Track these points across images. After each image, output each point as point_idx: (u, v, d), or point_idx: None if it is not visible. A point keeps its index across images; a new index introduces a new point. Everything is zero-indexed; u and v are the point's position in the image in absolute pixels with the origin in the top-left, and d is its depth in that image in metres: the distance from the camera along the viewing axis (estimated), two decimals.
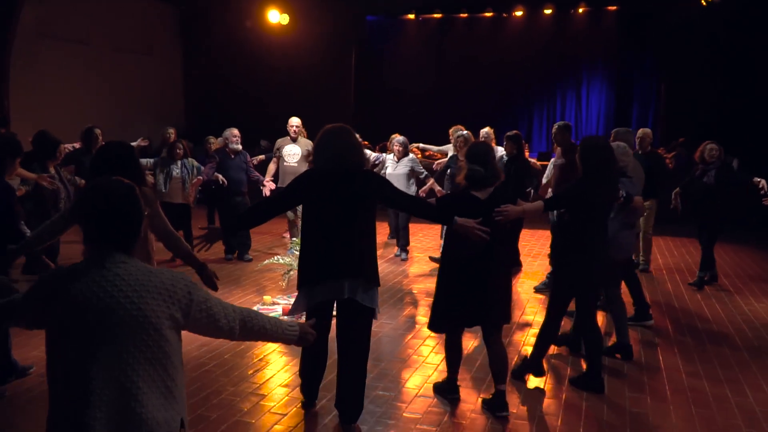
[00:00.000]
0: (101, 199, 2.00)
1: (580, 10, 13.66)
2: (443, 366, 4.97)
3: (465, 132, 8.29)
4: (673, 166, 9.93)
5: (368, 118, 13.32)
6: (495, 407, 4.05)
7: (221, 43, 14.20)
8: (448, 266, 4.09)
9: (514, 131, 8.00)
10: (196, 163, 8.30)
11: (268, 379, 4.68)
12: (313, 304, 3.74)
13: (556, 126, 7.05)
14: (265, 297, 6.50)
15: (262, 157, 9.75)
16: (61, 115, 11.12)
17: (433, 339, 5.54)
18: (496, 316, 4.06)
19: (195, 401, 4.16)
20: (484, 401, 4.20)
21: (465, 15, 14.51)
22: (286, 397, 4.35)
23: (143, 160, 7.43)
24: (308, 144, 8.49)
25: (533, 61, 14.08)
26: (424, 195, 8.16)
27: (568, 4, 13.58)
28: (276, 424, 3.96)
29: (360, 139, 3.80)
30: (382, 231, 9.19)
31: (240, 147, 8.45)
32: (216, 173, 8.18)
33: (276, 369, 4.88)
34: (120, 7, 13.07)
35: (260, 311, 2.20)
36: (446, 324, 4.16)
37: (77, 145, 8.43)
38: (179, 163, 8.08)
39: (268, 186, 8.33)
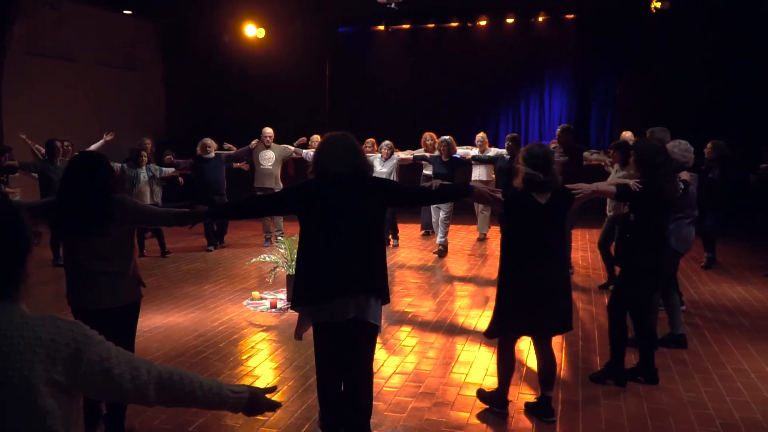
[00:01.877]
0: None
1: (540, 19, 14.06)
2: (419, 348, 5.35)
3: (447, 137, 9.08)
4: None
5: (343, 125, 13.61)
6: (542, 413, 3.95)
7: (201, 56, 14.43)
8: (510, 272, 3.86)
9: (514, 134, 9.48)
10: (157, 167, 9.22)
11: (260, 362, 5.05)
12: (322, 323, 3.38)
13: (559, 128, 7.97)
14: (253, 293, 6.83)
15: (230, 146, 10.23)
16: (51, 128, 11.27)
17: (409, 326, 5.93)
18: (559, 324, 3.89)
19: None
20: (528, 405, 4.11)
21: (432, 25, 14.82)
22: (278, 377, 4.70)
23: (115, 164, 8.13)
24: (280, 149, 9.76)
25: (498, 68, 14.43)
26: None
27: (529, 14, 13.97)
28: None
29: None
30: None
31: (213, 155, 9.39)
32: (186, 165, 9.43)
33: (267, 354, 5.26)
34: (103, 24, 13.26)
35: (192, 377, 1.69)
36: (510, 332, 3.95)
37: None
38: (144, 168, 8.94)
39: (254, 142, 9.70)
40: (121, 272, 3.47)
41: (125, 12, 13.78)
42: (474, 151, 9.68)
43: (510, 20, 14.13)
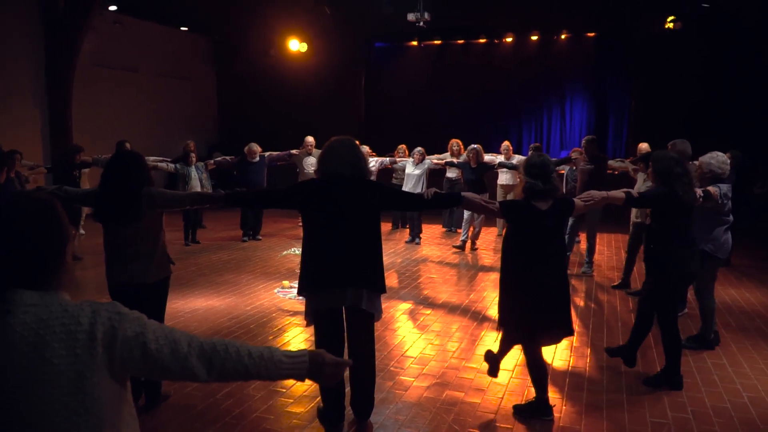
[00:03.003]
0: None
1: (563, 36, 14.41)
2: (441, 330, 5.82)
3: (476, 146, 9.40)
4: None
5: (376, 133, 14.25)
6: (541, 412, 3.94)
7: (249, 69, 15.12)
8: (513, 278, 3.86)
9: (537, 143, 10.03)
10: (202, 163, 9.99)
11: (284, 343, 5.53)
12: (323, 309, 3.61)
13: (584, 140, 8.42)
14: (283, 281, 7.41)
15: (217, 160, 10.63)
16: (115, 132, 12.19)
17: (428, 309, 6.49)
18: (563, 328, 3.86)
19: None
20: (517, 407, 4.07)
21: (461, 41, 15.24)
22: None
23: (169, 164, 9.54)
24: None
25: (522, 81, 14.78)
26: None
27: (552, 31, 14.33)
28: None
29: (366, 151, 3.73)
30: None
31: (258, 158, 10.12)
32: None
33: (291, 336, 5.73)
34: (163, 39, 14.12)
35: (243, 345, 1.56)
36: (520, 338, 3.94)
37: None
38: (193, 167, 9.69)
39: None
40: (151, 252, 3.84)
41: (182, 28, 14.72)
42: (500, 158, 10.08)
43: (534, 37, 14.55)
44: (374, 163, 10.38)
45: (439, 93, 15.07)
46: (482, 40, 15.09)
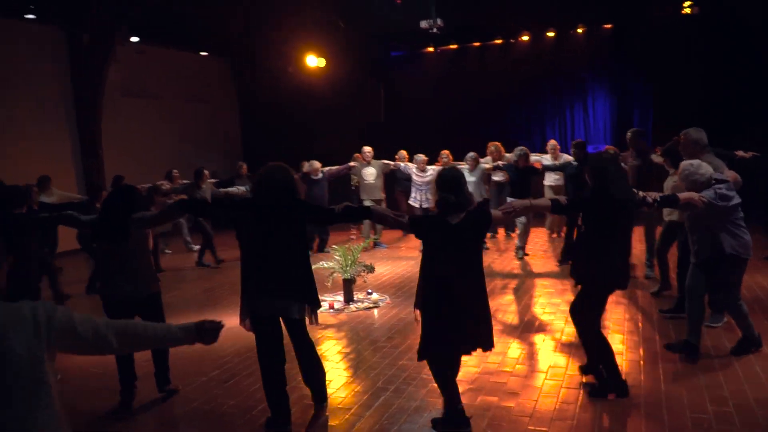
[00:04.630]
0: None
1: (579, 30, 14.22)
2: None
3: (523, 148, 9.13)
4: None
5: (397, 142, 14.19)
6: (461, 424, 3.85)
7: (268, 87, 15.27)
8: (428, 293, 3.75)
9: (579, 140, 9.48)
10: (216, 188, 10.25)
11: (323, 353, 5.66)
12: (258, 317, 3.93)
13: (630, 133, 7.59)
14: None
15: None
16: (143, 158, 12.49)
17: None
18: (478, 343, 3.75)
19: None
20: (436, 421, 3.96)
21: (478, 44, 15.18)
22: (331, 368, 5.26)
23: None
24: (379, 164, 10.60)
25: (542, 79, 14.60)
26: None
27: (567, 26, 14.15)
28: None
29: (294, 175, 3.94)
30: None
31: (321, 175, 10.36)
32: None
33: (324, 348, 5.73)
34: (183, 64, 14.42)
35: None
36: (430, 351, 3.80)
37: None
38: (202, 188, 9.86)
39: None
40: (136, 269, 4.46)
41: (201, 53, 15.00)
42: (545, 158, 10.01)
43: (551, 34, 14.41)
44: (403, 167, 10.70)
45: (459, 97, 15.01)
46: (498, 41, 15.03)
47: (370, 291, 7.61)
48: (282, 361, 4.00)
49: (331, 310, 7.04)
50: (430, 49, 15.38)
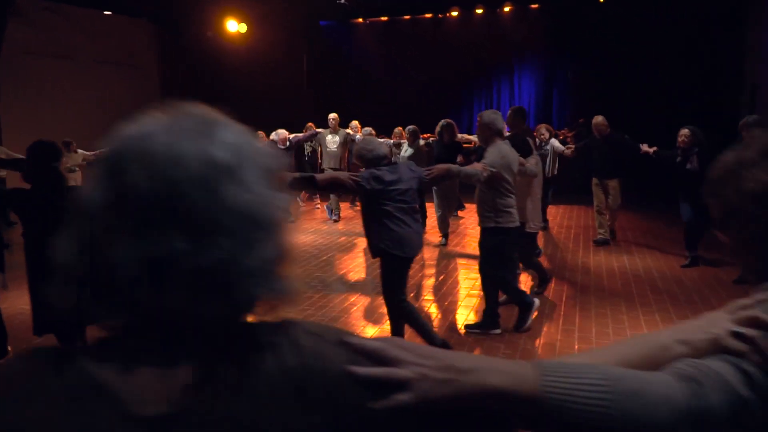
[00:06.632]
0: None
1: (506, 9, 14.19)
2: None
3: (447, 120, 8.62)
4: (575, 143, 10.49)
5: (325, 114, 13.94)
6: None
7: (191, 51, 14.74)
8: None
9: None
10: None
11: None
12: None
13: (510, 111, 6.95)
14: None
15: None
16: (51, 126, 11.78)
17: None
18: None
19: None
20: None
21: (408, 17, 14.99)
22: None
23: None
24: (344, 133, 10.23)
25: (470, 56, 14.54)
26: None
27: (495, 4, 14.11)
28: None
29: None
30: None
31: (288, 144, 10.01)
32: None
33: None
34: (99, 23, 13.64)
35: None
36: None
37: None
38: None
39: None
40: None
41: (122, 15, 14.20)
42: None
43: (479, 11, 14.30)
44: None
45: (388, 71, 14.90)
46: (428, 15, 14.85)
47: None
48: None
49: None
50: (360, 20, 15.06)
